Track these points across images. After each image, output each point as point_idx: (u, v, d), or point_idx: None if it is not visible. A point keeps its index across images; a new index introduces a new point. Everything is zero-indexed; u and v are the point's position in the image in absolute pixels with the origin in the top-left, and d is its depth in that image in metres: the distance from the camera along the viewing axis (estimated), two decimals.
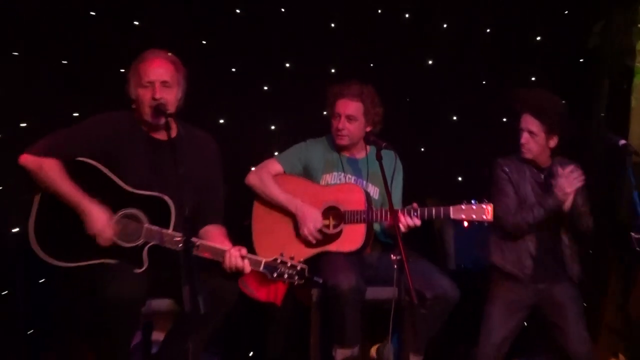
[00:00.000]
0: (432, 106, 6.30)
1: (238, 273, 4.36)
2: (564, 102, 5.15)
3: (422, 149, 6.33)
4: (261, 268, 4.32)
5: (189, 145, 4.42)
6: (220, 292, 4.32)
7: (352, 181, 5.17)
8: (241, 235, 4.87)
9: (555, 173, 5.08)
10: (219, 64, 5.90)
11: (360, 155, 5.27)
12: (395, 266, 4.36)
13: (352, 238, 4.97)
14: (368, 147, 5.21)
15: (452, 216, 4.77)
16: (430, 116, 6.30)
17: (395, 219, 4.52)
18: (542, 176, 5.21)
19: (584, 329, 5.10)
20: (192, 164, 4.37)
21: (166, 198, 4.35)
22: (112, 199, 4.39)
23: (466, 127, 6.33)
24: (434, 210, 4.79)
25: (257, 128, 5.97)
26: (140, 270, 4.28)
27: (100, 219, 4.33)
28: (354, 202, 4.99)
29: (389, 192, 4.60)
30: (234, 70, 5.99)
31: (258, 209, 5.13)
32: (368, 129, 5.20)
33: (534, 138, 5.12)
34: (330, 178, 5.19)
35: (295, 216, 5.00)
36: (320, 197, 5.05)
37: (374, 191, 5.21)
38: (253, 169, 5.19)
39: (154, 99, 4.41)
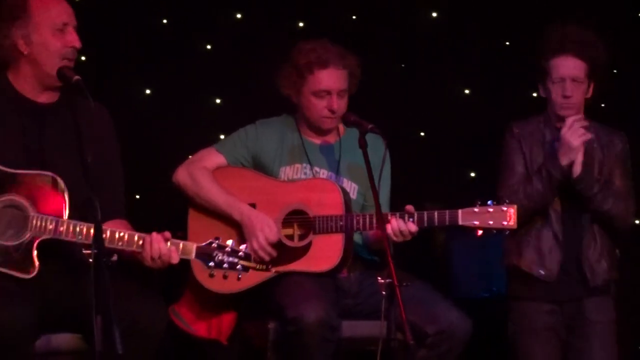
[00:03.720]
0: (436, 75, 5.99)
1: (164, 272, 4.13)
2: None
3: (422, 134, 6.03)
4: (193, 255, 4.17)
5: (81, 114, 4.19)
6: (144, 322, 4.01)
7: (324, 176, 4.80)
8: None
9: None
10: (143, 14, 5.67)
11: (331, 139, 4.89)
12: (384, 292, 4.05)
13: (324, 254, 4.64)
14: (341, 127, 4.84)
15: (460, 222, 4.48)
16: (433, 89, 5.98)
17: (384, 227, 4.27)
18: None
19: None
20: (86, 139, 4.18)
21: (57, 177, 4.10)
22: None
23: (482, 103, 6.01)
24: (436, 215, 4.51)
25: (196, 102, 5.73)
26: (30, 276, 4.00)
27: None
28: (327, 204, 4.66)
29: (376, 192, 4.23)
30: (165, 22, 5.75)
31: (194, 218, 4.80)
32: None
33: (579, 87, 4.75)
34: (292, 172, 4.82)
35: (241, 226, 4.66)
36: (281, 197, 4.72)
37: (351, 189, 4.83)
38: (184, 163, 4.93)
39: (73, 47, 4.13)
